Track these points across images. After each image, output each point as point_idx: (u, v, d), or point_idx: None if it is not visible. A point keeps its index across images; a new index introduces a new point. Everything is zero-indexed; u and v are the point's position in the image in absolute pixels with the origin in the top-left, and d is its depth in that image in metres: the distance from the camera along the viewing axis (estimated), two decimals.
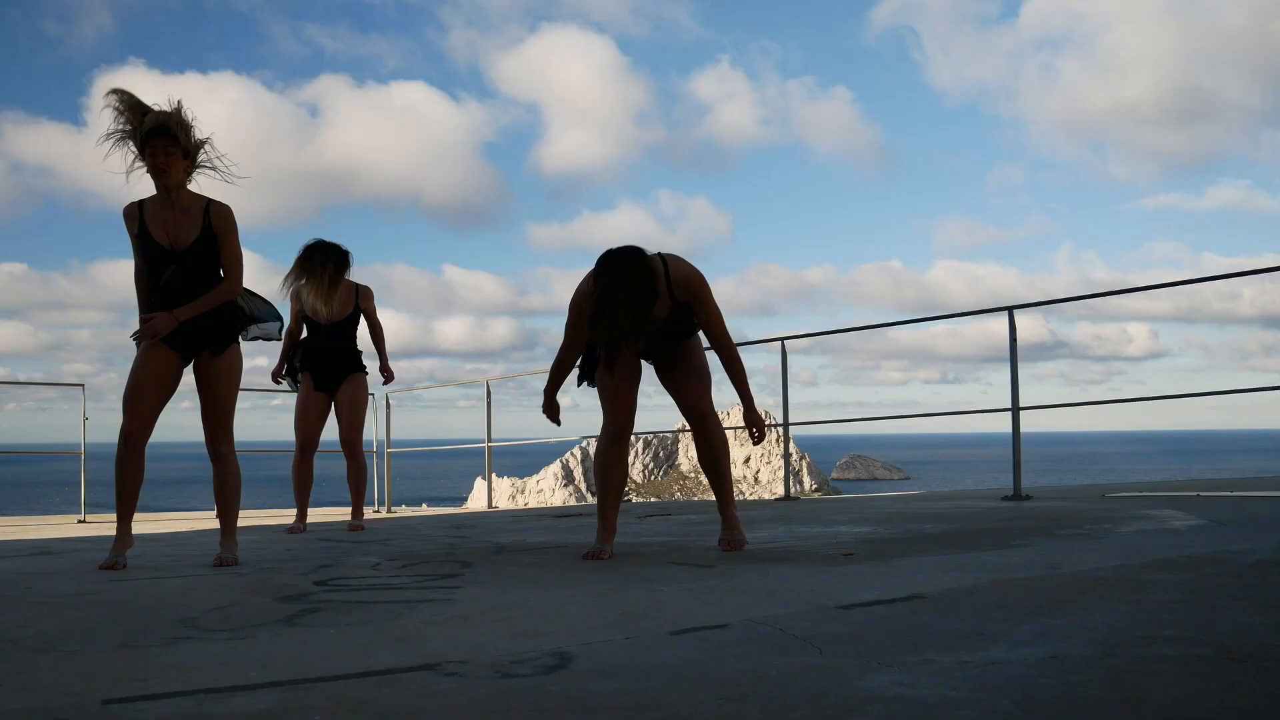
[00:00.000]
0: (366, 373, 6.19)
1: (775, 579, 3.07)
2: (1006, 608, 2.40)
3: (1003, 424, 6.19)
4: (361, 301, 6.10)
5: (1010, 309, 6.21)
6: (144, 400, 4.09)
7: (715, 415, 4.07)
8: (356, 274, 6.13)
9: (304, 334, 6.10)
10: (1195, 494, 5.77)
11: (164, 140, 3.92)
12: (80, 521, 8.10)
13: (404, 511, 9.69)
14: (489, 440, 9.57)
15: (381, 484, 10.12)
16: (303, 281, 5.76)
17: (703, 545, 4.16)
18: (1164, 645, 1.93)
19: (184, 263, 4.04)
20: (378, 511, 9.58)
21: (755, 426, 3.94)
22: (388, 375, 6.46)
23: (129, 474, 4.14)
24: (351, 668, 2.04)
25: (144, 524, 7.19)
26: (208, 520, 7.48)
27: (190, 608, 2.91)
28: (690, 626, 2.35)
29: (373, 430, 10.33)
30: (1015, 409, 6.13)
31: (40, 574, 3.89)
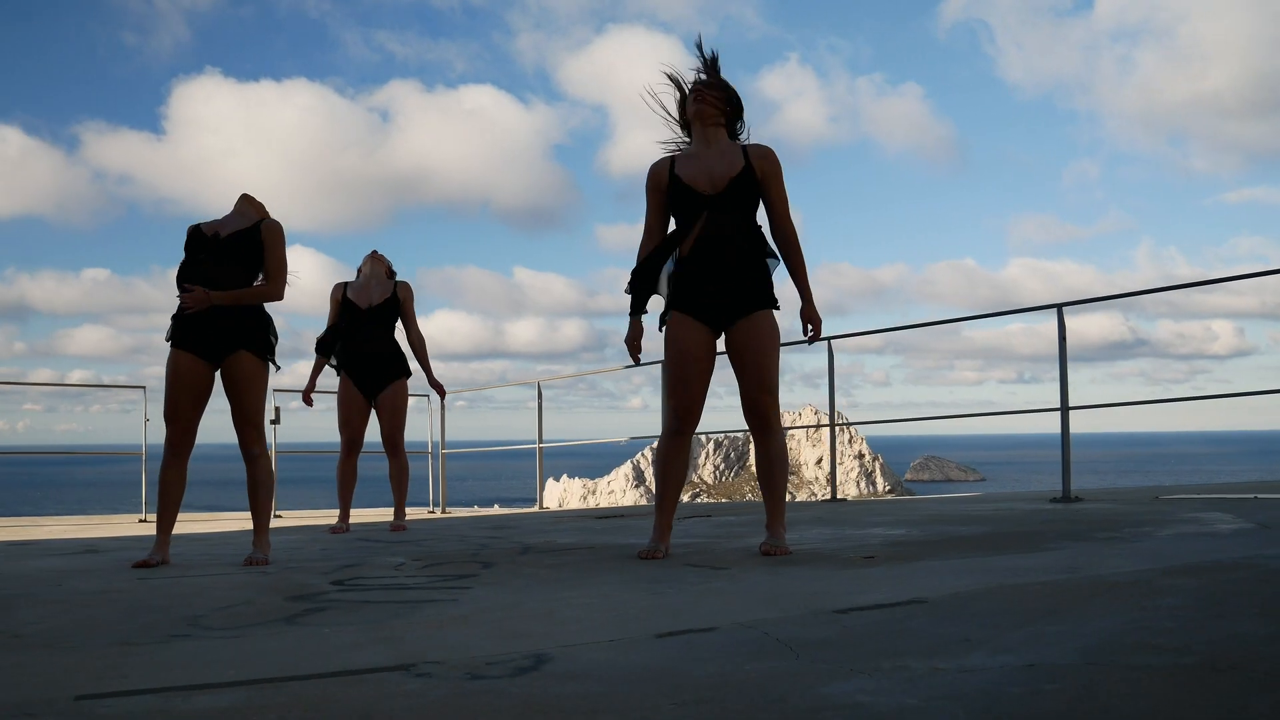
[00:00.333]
0: (409, 375, 6.22)
1: (784, 582, 3.02)
2: (1006, 613, 2.33)
3: (1085, 423, 6.03)
4: (399, 291, 6.13)
5: (1059, 306, 6.04)
6: (181, 410, 4.23)
7: (779, 422, 3.88)
8: (426, 276, 6.34)
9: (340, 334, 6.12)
10: (1253, 496, 5.57)
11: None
12: (141, 521, 8.31)
13: (459, 512, 9.76)
14: (540, 441, 9.60)
15: (436, 485, 10.23)
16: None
17: (728, 548, 4.12)
18: (1151, 654, 1.86)
19: (218, 251, 4.22)
20: (432, 512, 9.67)
21: (811, 322, 3.82)
22: (439, 389, 6.50)
23: (172, 482, 4.35)
24: (328, 667, 2.05)
25: (195, 524, 7.36)
26: None
27: (202, 606, 2.96)
28: (677, 629, 2.32)
29: (427, 431, 10.45)
30: (1064, 409, 5.96)
31: (75, 571, 3.99)
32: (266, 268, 4.26)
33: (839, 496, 7.78)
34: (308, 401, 6.36)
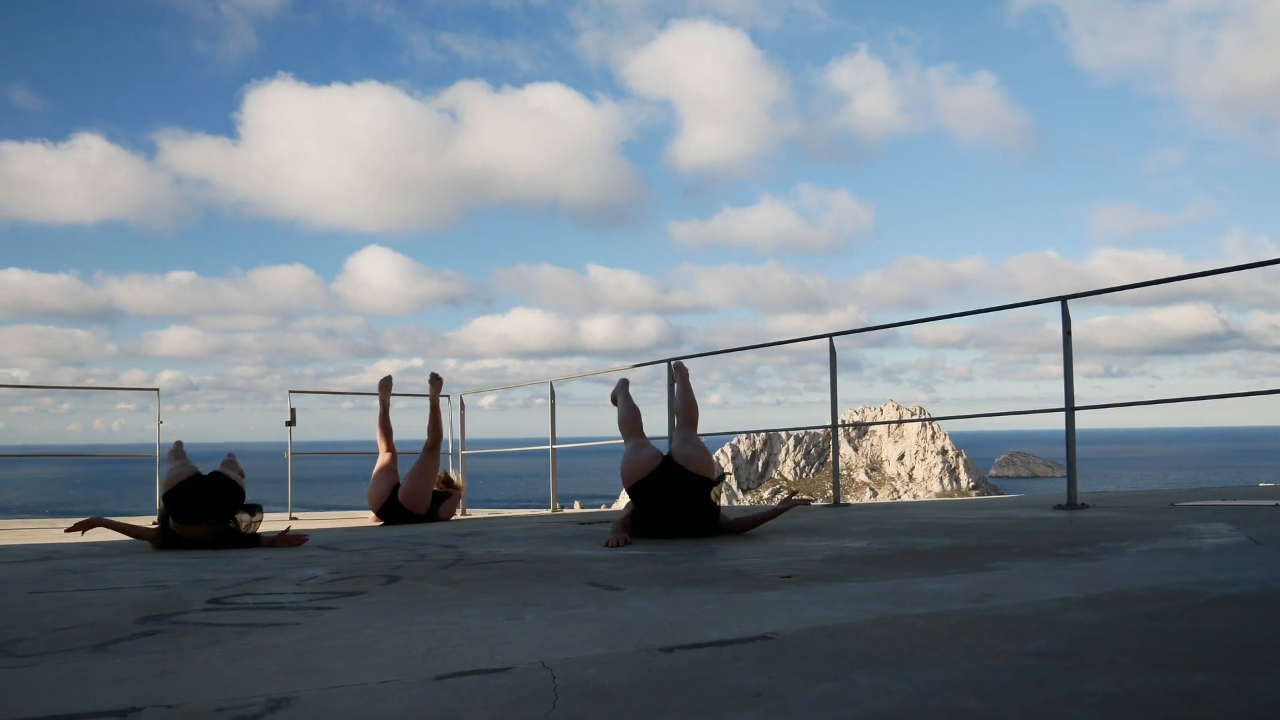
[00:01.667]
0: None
1: (656, 608, 2.73)
2: (842, 657, 2.02)
3: (1181, 418, 5.66)
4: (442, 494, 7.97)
5: (1064, 299, 5.60)
6: None
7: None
8: (500, 274, 6.60)
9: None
10: (1275, 503, 5.08)
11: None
12: (154, 524, 8.28)
13: (478, 513, 9.59)
14: (554, 443, 9.38)
15: None
16: None
17: (668, 562, 3.84)
18: None
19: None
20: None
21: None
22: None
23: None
24: (48, 710, 1.84)
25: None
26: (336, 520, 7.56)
27: (41, 626, 2.78)
28: (467, 669, 2.06)
29: (448, 430, 10.31)
30: (1070, 409, 5.52)
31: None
32: None
33: (841, 502, 7.40)
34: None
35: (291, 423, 9.47)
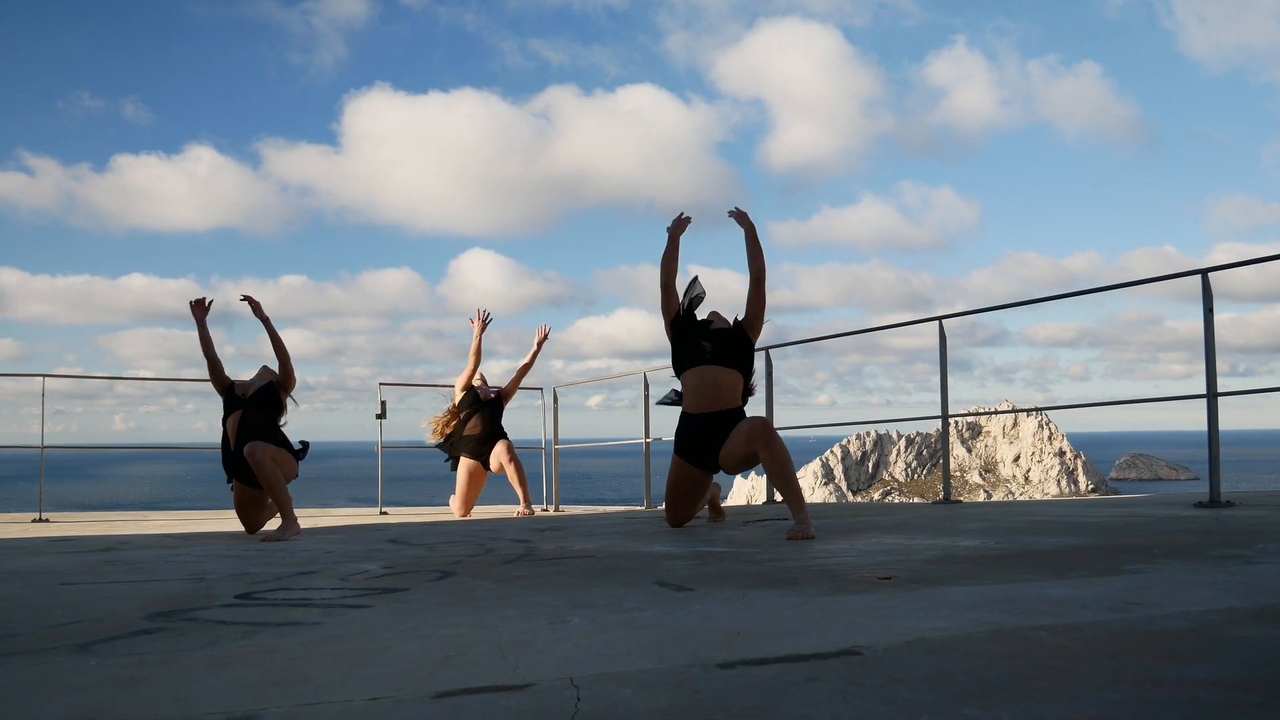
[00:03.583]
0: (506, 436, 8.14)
1: (728, 613, 2.32)
2: (944, 681, 1.58)
3: None
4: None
5: (1205, 271, 4.94)
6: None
7: (774, 435, 4.54)
8: (602, 276, 6.65)
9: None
10: None
11: None
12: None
13: (571, 509, 9.27)
14: (646, 437, 9.00)
15: (549, 482, 9.79)
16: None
17: (743, 559, 3.42)
18: None
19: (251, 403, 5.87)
20: (546, 510, 9.24)
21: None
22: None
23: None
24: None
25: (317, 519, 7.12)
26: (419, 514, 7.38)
27: (39, 622, 2.51)
28: (479, 685, 1.68)
29: (540, 429, 10.03)
30: (1211, 395, 4.91)
31: (29, 574, 3.67)
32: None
33: (950, 499, 6.84)
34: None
35: (381, 415, 9.28)
